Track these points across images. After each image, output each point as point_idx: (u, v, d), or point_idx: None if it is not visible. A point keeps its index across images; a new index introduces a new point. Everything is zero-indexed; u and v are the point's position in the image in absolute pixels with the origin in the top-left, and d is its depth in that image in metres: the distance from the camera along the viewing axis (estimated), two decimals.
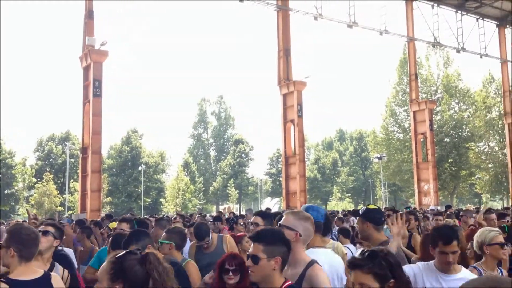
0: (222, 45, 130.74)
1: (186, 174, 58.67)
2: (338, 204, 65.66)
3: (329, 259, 3.39)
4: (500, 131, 40.62)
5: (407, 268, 3.31)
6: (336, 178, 70.38)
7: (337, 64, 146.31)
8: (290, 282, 2.61)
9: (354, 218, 11.76)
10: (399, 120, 42.89)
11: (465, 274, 3.30)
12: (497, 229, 4.30)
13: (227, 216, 11.86)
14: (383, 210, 10.93)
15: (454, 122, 40.75)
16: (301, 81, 22.27)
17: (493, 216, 8.29)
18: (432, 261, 3.42)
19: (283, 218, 3.10)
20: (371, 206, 4.12)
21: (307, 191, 60.04)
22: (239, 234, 6.00)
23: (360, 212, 4.00)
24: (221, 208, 57.90)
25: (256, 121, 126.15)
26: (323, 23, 25.39)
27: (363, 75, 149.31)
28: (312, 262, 2.91)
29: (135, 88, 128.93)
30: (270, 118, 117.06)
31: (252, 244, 2.61)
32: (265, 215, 5.08)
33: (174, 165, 61.06)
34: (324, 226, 4.28)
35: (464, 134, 41.36)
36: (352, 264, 2.20)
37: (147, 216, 18.64)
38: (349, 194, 70.58)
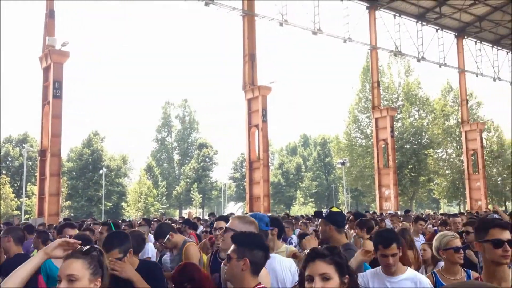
0: (187, 49, 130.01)
1: (149, 178, 57.86)
2: (301, 209, 66.05)
3: (278, 264, 3.43)
4: (457, 139, 41.93)
5: (359, 278, 3.36)
6: (300, 183, 70.93)
7: (303, 70, 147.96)
8: (262, 285, 2.62)
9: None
10: (361, 127, 43.61)
11: (409, 275, 3.38)
12: (452, 233, 4.39)
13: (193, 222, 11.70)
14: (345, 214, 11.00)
15: (414, 129, 41.74)
16: (266, 86, 22.34)
17: (458, 219, 8.47)
18: (379, 266, 3.50)
19: (229, 222, 3.12)
20: (335, 209, 4.20)
21: (271, 195, 60.23)
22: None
23: (324, 214, 4.06)
24: (184, 212, 57.50)
25: (221, 126, 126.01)
26: (289, 30, 25.61)
27: (328, 81, 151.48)
28: None
29: (98, 90, 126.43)
30: (235, 123, 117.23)
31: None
32: (226, 220, 5.08)
33: (136, 168, 60.13)
34: (278, 230, 4.37)
35: (423, 141, 42.43)
36: (314, 254, 2.22)
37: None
38: (312, 199, 71.22)
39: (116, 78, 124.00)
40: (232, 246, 2.64)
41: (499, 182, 47.23)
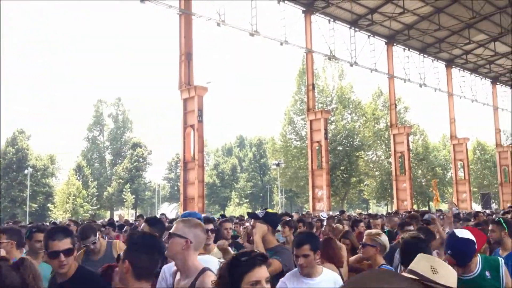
0: (122, 46, 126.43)
1: (79, 178, 55.63)
2: (236, 209, 66.15)
3: (212, 266, 3.32)
4: (386, 141, 43.65)
5: (280, 283, 3.52)
6: (235, 184, 71.03)
7: (240, 71, 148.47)
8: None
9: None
10: (297, 128, 44.32)
11: (325, 277, 3.45)
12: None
13: (121, 223, 11.32)
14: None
15: (346, 132, 43.00)
16: (202, 86, 22.08)
17: (379, 221, 8.75)
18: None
19: (173, 227, 2.99)
20: (271, 210, 4.20)
21: (206, 196, 59.83)
22: None
23: (260, 215, 4.01)
24: (115, 214, 55.74)
25: (156, 125, 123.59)
26: (227, 30, 25.53)
27: (265, 82, 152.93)
28: (204, 270, 2.84)
29: (25, 85, 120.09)
30: (170, 123, 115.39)
31: None
32: (153, 222, 4.91)
33: (65, 168, 57.56)
34: (216, 232, 4.29)
35: (355, 143, 43.81)
36: (261, 259, 2.22)
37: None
38: (247, 200, 71.55)
39: (46, 73, 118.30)
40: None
41: (423, 183, 49.73)
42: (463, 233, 3.17)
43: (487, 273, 3.09)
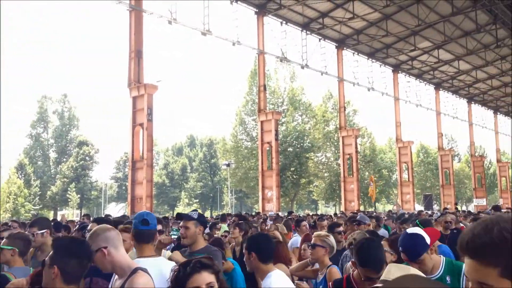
0: (69, 41, 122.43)
1: (20, 176, 53.33)
2: (186, 209, 65.51)
3: (158, 269, 3.31)
4: (335, 143, 44.48)
5: None
6: (185, 184, 70.31)
7: (192, 70, 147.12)
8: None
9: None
10: (248, 129, 44.38)
11: (271, 278, 3.41)
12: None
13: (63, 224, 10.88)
14: (230, 216, 10.96)
15: (297, 133, 43.47)
16: (152, 84, 21.69)
17: (324, 223, 8.87)
18: None
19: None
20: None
21: (155, 196, 59.01)
22: None
23: (193, 215, 4.03)
24: (59, 214, 53.79)
25: (104, 124, 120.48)
26: (180, 29, 25.17)
27: (217, 83, 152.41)
28: (136, 270, 2.83)
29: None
30: (118, 121, 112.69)
31: None
32: (101, 222, 4.80)
33: (5, 166, 55.01)
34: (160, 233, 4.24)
35: (305, 144, 44.36)
36: (200, 265, 2.24)
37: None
38: (197, 200, 71.00)
39: None
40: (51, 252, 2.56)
41: (370, 185, 51.03)
42: (413, 229, 3.24)
43: (448, 278, 3.13)
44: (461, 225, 8.74)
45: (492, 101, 47.48)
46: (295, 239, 7.52)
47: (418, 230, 3.22)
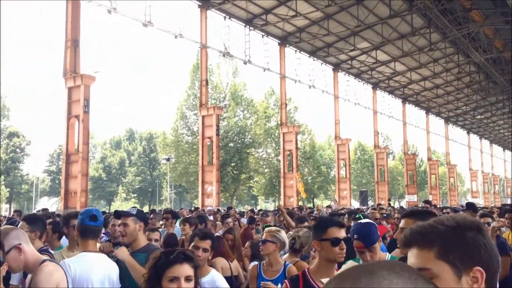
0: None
1: None
2: (123, 204, 64.00)
3: (101, 264, 3.35)
4: (276, 139, 44.93)
5: None
6: (123, 178, 68.60)
7: (134, 62, 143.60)
8: None
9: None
10: (189, 123, 43.93)
11: (211, 277, 3.45)
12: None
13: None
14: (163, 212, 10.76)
15: (238, 129, 43.50)
16: (90, 75, 20.90)
17: (269, 219, 8.92)
18: None
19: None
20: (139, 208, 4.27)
21: (91, 191, 57.20)
22: None
23: (132, 211, 3.97)
24: None
25: (38, 115, 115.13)
26: (120, 20, 24.41)
27: (159, 76, 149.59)
28: (44, 261, 2.88)
29: None
30: (53, 113, 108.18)
31: None
32: (31, 220, 4.52)
33: None
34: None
35: (246, 140, 44.48)
36: (184, 257, 2.32)
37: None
38: (135, 195, 69.52)
39: None
40: None
41: (309, 181, 52.06)
42: (365, 219, 3.39)
43: None
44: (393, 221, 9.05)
45: (424, 102, 49.71)
46: None
47: (368, 220, 3.33)
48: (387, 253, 3.38)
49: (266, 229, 4.58)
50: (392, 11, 29.14)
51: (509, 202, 48.30)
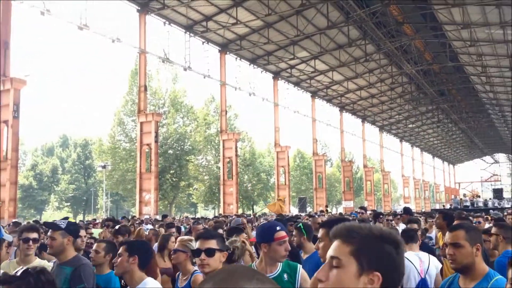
0: None
1: None
2: (55, 213, 61.28)
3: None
4: (216, 147, 44.77)
5: None
6: (55, 186, 65.74)
7: (69, 66, 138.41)
8: None
9: None
10: (126, 130, 42.86)
11: (148, 285, 3.38)
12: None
13: None
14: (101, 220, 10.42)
15: (178, 136, 42.94)
16: (20, 78, 19.91)
17: (200, 227, 8.85)
18: None
19: None
20: (71, 220, 4.23)
21: (20, 199, 54.35)
22: None
23: (61, 224, 3.87)
24: None
25: None
26: (55, 22, 23.42)
27: (95, 81, 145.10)
28: None
29: None
30: None
31: None
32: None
33: None
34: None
35: (186, 147, 43.98)
36: (1, 281, 2.18)
37: None
38: (69, 203, 66.81)
39: None
40: None
41: (249, 188, 52.22)
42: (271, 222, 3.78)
43: (285, 275, 3.38)
44: None
45: (360, 111, 51.41)
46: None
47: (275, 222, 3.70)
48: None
49: (179, 238, 4.55)
50: (330, 22, 29.94)
51: (437, 207, 50.84)
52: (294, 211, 43.16)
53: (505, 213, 17.96)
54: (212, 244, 3.23)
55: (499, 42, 30.34)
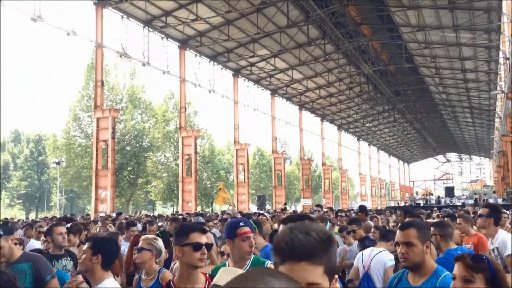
0: None
1: None
2: (7, 211, 59.12)
3: None
4: (175, 143, 44.35)
5: None
6: (6, 183, 63.42)
7: (21, 59, 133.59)
8: None
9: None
10: (82, 125, 41.84)
11: (104, 285, 3.34)
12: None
13: None
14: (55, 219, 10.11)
15: (136, 132, 42.29)
16: None
17: (154, 227, 8.69)
18: None
19: None
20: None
21: None
22: None
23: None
24: None
25: None
26: (7, 13, 22.42)
27: (49, 74, 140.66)
28: None
29: None
30: None
31: None
32: None
33: None
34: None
35: (144, 144, 43.35)
36: None
37: None
38: (21, 201, 64.60)
39: None
40: None
41: (208, 185, 52.03)
42: None
43: None
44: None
45: (319, 109, 52.07)
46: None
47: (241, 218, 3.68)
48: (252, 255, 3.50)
49: (143, 237, 4.48)
50: (290, 21, 30.13)
51: (392, 205, 52.17)
52: (253, 208, 43.32)
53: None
54: (208, 238, 3.25)
55: (451, 44, 31.40)
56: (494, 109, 46.67)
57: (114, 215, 23.43)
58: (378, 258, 4.96)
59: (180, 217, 13.58)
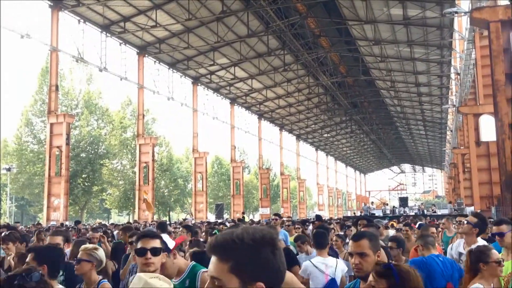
0: None
1: None
2: None
3: None
4: (132, 151, 43.63)
5: None
6: None
7: None
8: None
9: None
10: (35, 131, 40.58)
11: None
12: None
13: None
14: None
15: (91, 138, 41.38)
16: None
17: (97, 235, 8.52)
18: None
19: None
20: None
21: None
22: None
23: None
24: None
25: None
26: None
27: (1, 78, 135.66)
28: None
29: None
30: None
31: None
32: None
33: None
34: None
35: (100, 151, 42.44)
36: None
37: None
38: None
39: None
40: None
41: (165, 194, 51.37)
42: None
43: (187, 281, 3.35)
44: None
45: (278, 119, 52.50)
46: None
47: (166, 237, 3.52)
48: (192, 262, 3.55)
49: (82, 246, 4.34)
50: (250, 30, 30.35)
51: (349, 214, 53.03)
52: (212, 217, 43.07)
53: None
54: (157, 243, 3.18)
55: (406, 59, 32.46)
56: (446, 122, 48.43)
57: (67, 223, 22.82)
58: (340, 267, 5.33)
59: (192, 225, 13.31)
